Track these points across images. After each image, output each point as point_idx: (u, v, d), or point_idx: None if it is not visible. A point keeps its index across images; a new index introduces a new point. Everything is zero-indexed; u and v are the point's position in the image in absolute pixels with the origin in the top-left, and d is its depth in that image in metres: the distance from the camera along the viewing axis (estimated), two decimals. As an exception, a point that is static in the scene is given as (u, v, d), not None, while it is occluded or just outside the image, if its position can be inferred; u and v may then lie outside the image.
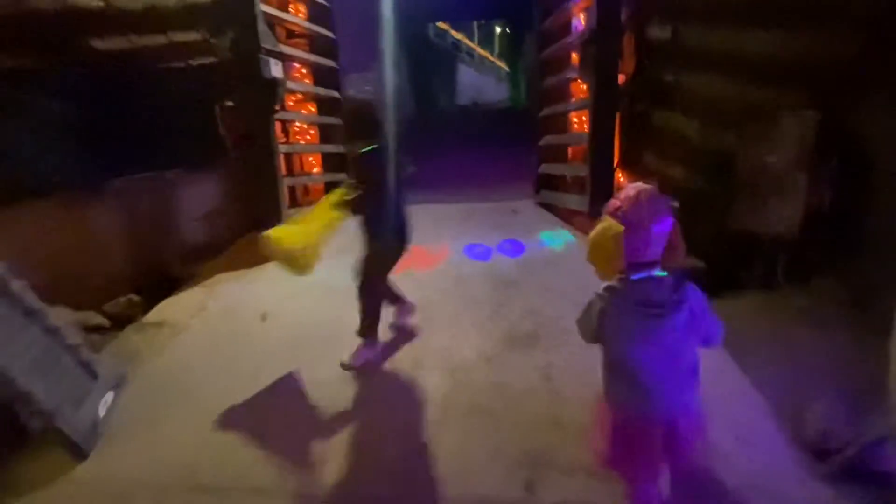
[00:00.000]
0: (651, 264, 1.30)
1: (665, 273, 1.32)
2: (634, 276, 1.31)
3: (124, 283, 3.36)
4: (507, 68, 19.72)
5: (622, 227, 1.25)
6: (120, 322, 3.19)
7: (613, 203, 1.31)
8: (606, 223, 1.28)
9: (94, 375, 2.31)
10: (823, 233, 3.05)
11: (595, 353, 2.43)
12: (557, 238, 3.85)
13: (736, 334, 2.61)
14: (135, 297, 3.31)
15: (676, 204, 3.74)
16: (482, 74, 19.57)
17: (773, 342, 2.68)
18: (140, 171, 3.39)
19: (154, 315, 3.13)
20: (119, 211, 3.36)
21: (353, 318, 2.86)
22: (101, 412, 2.22)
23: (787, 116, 3.05)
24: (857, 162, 2.84)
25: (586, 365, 2.34)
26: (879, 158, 2.75)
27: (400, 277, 2.77)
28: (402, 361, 2.49)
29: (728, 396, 2.16)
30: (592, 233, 1.33)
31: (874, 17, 2.73)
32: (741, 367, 2.38)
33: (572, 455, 1.85)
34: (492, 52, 21.66)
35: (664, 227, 1.28)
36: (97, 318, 3.18)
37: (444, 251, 3.60)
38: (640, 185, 1.32)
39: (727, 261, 3.39)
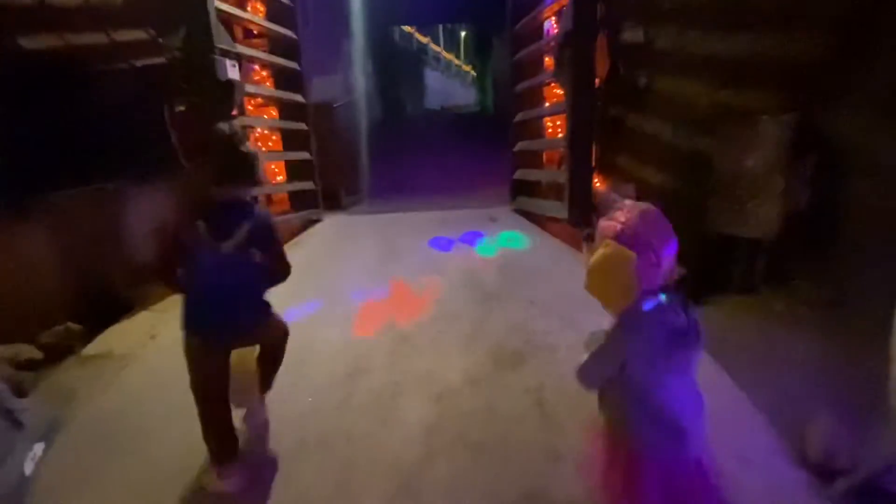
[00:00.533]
0: (658, 289, 1.18)
1: (665, 296, 1.19)
2: (648, 305, 1.17)
3: (61, 309, 2.99)
4: (473, 73, 19.74)
5: (632, 253, 1.11)
6: (56, 354, 2.82)
7: (612, 225, 1.16)
8: (610, 248, 1.14)
9: (18, 426, 1.99)
10: (801, 234, 3.06)
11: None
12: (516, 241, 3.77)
13: (722, 342, 2.57)
14: (73, 326, 2.94)
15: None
16: (449, 79, 19.50)
17: (759, 349, 2.63)
18: (77, 184, 3.02)
19: (97, 346, 2.80)
20: (53, 229, 2.98)
21: (324, 342, 2.65)
22: (28, 469, 1.90)
23: (765, 119, 3.04)
24: (834, 163, 2.85)
25: (578, 386, 2.23)
26: (855, 159, 2.76)
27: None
28: (381, 388, 2.27)
29: (725, 410, 2.05)
30: (594, 260, 1.17)
31: (845, 18, 2.74)
32: (732, 377, 2.29)
33: (573, 492, 1.69)
34: (457, 57, 21.65)
35: (672, 249, 1.16)
36: (29, 352, 2.80)
37: (433, 286, 3.32)
38: (640, 204, 1.19)
39: (706, 264, 3.35)
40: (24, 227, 2.87)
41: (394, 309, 2.97)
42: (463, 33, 20.57)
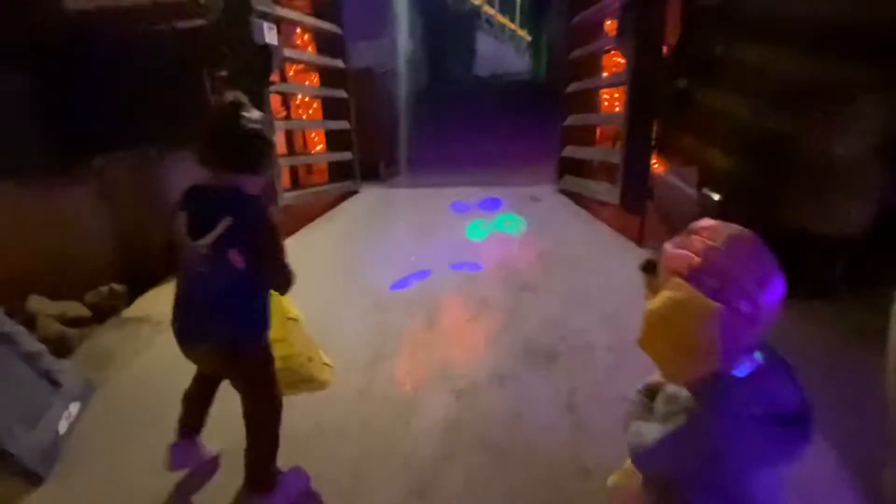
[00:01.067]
0: (753, 347, 0.85)
1: (762, 356, 0.86)
2: (741, 372, 0.84)
3: (106, 271, 3.10)
4: (529, 38, 18.71)
5: (714, 303, 0.77)
6: (102, 313, 2.95)
7: (684, 256, 0.82)
8: (681, 293, 0.80)
9: (56, 385, 2.06)
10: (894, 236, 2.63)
11: (627, 378, 2.11)
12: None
13: (788, 353, 2.27)
14: (117, 287, 3.04)
15: (717, 197, 3.26)
16: (502, 44, 18.60)
17: (830, 369, 2.30)
18: (119, 148, 3.06)
19: (135, 309, 2.89)
20: (98, 192, 3.07)
21: (353, 324, 2.58)
22: (63, 428, 1.98)
23: (864, 98, 2.57)
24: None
25: (615, 392, 2.03)
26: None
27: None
28: (402, 378, 2.18)
29: (786, 440, 1.81)
30: (655, 306, 0.84)
31: None
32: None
33: (600, 513, 1.54)
34: (512, 20, 20.57)
35: (776, 294, 0.80)
36: (78, 309, 2.93)
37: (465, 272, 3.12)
38: (728, 227, 0.83)
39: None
40: (70, 189, 2.96)
41: (421, 294, 2.85)
42: (520, -5, 19.43)
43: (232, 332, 1.43)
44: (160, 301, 2.98)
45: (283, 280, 1.46)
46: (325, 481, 1.70)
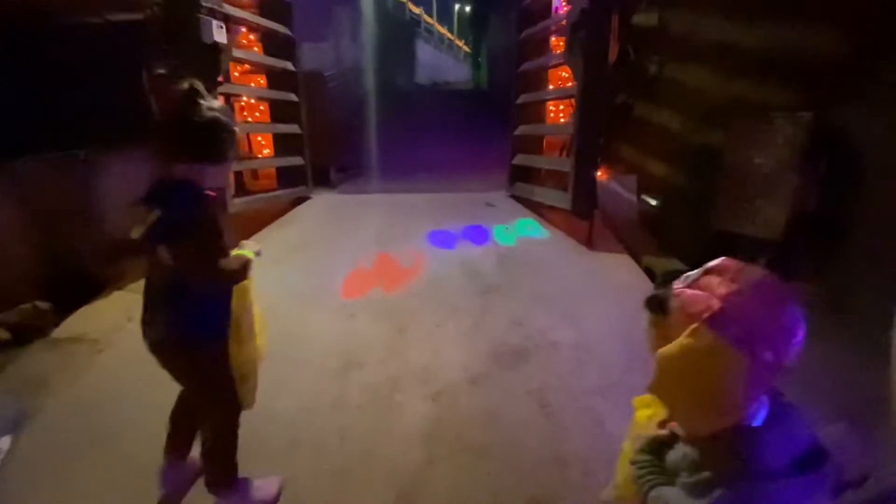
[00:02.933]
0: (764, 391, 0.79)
1: (772, 400, 0.80)
2: (756, 420, 0.77)
3: (28, 286, 2.76)
4: (467, 48, 19.15)
5: (740, 353, 0.71)
6: (24, 335, 2.62)
7: (704, 300, 0.75)
8: (703, 340, 0.73)
9: (-20, 417, 1.81)
10: (807, 236, 3.02)
11: (592, 372, 2.25)
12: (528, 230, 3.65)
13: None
14: (42, 304, 2.72)
15: (654, 202, 3.54)
16: (441, 53, 18.90)
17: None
18: (44, 149, 2.75)
19: (68, 328, 2.60)
20: (17, 197, 2.73)
21: (320, 332, 2.51)
22: (-8, 465, 1.74)
23: (780, 116, 2.94)
24: (848, 164, 2.78)
25: (583, 386, 2.16)
26: (871, 160, 2.70)
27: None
28: (377, 385, 2.16)
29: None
30: (671, 351, 0.76)
31: (869, 12, 2.64)
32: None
33: (582, 500, 1.62)
34: (450, 31, 20.98)
35: (799, 341, 0.74)
36: (-7, 331, 2.59)
37: (419, 258, 3.24)
38: (752, 270, 0.77)
39: (708, 261, 3.30)
40: (-15, 195, 2.62)
41: (387, 300, 2.83)
42: (457, 6, 19.88)
43: (169, 331, 1.36)
44: (95, 318, 2.71)
45: (200, 278, 1.32)
46: (308, 496, 1.65)
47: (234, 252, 1.43)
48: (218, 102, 1.37)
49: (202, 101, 1.30)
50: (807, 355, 2.20)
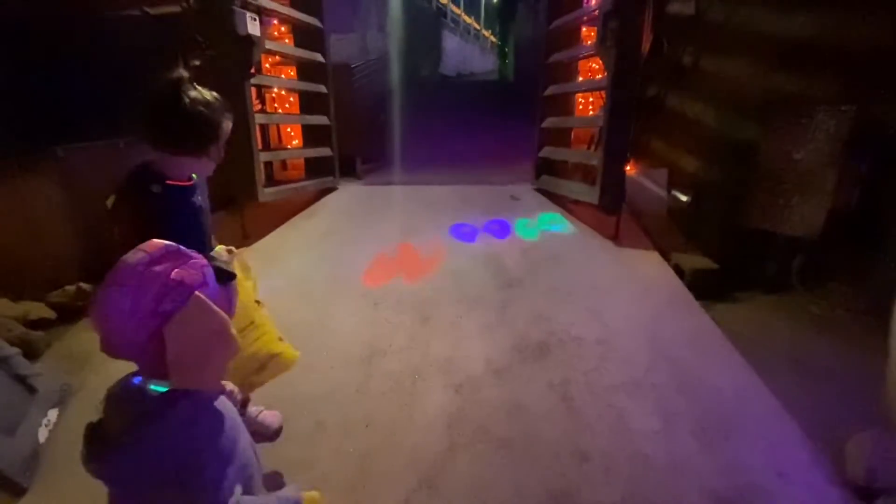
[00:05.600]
0: None
1: None
2: None
3: (72, 268, 2.92)
4: (493, 39, 18.90)
5: None
6: (68, 314, 2.77)
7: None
8: None
9: (31, 391, 1.94)
10: (846, 235, 2.90)
11: (615, 369, 2.23)
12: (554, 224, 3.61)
13: (754, 345, 2.47)
14: (85, 286, 2.87)
15: (685, 198, 3.45)
16: (467, 44, 18.73)
17: (793, 355, 2.52)
18: (85, 138, 2.88)
19: (109, 309, 2.72)
20: (62, 184, 2.87)
21: (344, 320, 2.56)
22: (42, 436, 1.87)
23: (821, 110, 2.82)
24: (892, 160, 2.65)
25: (606, 382, 2.15)
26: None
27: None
28: (399, 374, 2.20)
29: (761, 422, 1.98)
30: None
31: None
32: (767, 385, 2.19)
33: (602, 496, 1.63)
34: (477, 21, 20.74)
35: None
36: (41, 310, 2.74)
37: (441, 249, 3.26)
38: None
39: (739, 259, 3.22)
40: (32, 181, 2.76)
41: (409, 291, 2.86)
42: (485, -4, 19.61)
43: None
44: (134, 300, 2.84)
45: None
46: (333, 477, 1.70)
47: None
48: (209, 95, 1.33)
49: (189, 93, 1.28)
50: (843, 359, 2.13)
